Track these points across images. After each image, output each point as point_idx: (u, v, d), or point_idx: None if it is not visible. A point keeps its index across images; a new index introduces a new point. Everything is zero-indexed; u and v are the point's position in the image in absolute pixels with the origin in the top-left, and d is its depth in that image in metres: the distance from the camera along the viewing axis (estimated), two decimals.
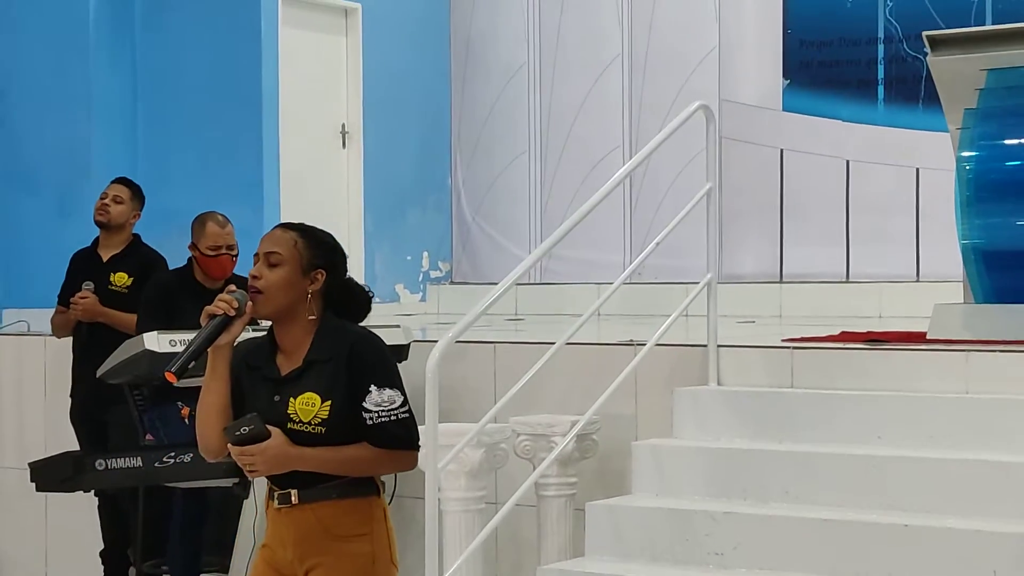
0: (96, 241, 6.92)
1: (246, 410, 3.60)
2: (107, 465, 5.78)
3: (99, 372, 5.89)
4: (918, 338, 5.72)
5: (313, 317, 3.61)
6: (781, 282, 9.08)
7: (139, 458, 5.74)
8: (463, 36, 10.17)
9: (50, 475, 5.93)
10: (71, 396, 6.85)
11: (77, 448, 6.62)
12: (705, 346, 5.72)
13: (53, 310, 6.96)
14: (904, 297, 8.36)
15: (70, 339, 6.85)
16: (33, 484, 6.10)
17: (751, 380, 5.66)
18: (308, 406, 3.55)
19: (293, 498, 3.59)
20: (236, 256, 6.32)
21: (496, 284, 4.91)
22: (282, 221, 3.77)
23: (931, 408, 5.17)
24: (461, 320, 4.68)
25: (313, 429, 3.54)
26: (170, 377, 3.53)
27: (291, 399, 3.56)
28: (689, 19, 9.41)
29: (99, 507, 6.86)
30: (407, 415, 3.58)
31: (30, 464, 6.06)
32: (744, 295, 8.78)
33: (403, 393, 3.60)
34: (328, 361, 3.58)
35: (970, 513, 4.77)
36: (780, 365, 5.61)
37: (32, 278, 8.70)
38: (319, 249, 3.67)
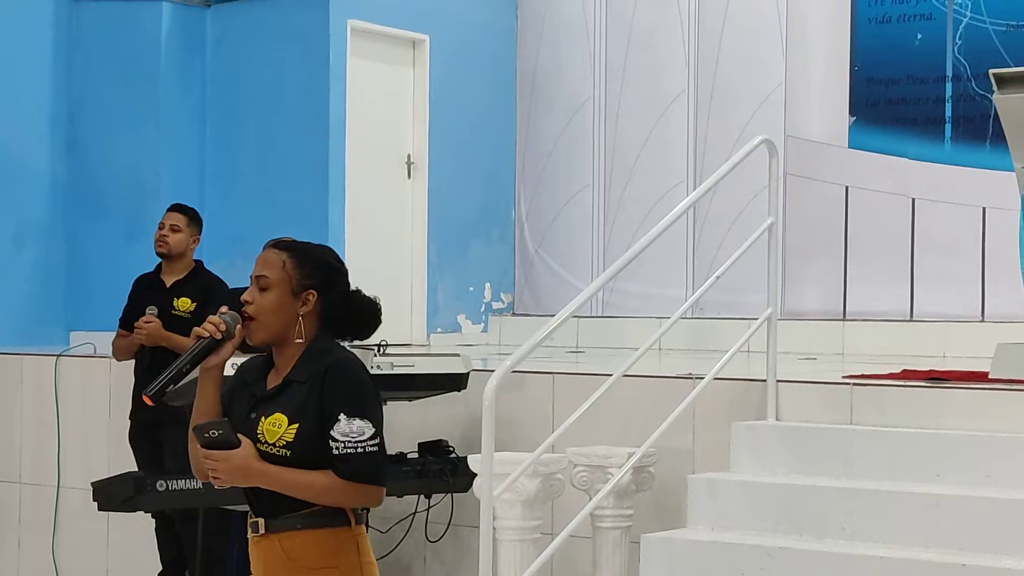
0: (159, 267, 7.00)
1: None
2: (168, 486, 5.82)
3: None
4: (980, 377, 5.67)
5: (301, 340, 3.49)
6: (844, 320, 9.03)
7: (199, 480, 5.77)
8: (529, 69, 10.23)
9: (111, 495, 5.98)
10: (130, 418, 6.93)
11: (138, 469, 6.70)
12: (764, 381, 5.71)
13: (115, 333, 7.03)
14: (969, 337, 8.27)
15: (131, 362, 6.93)
16: (95, 504, 6.16)
17: (810, 416, 5.63)
18: (275, 427, 3.43)
19: (261, 528, 3.49)
20: None
21: None
22: (275, 239, 3.64)
23: (991, 447, 5.13)
24: (518, 350, 4.69)
25: (278, 451, 3.42)
26: (147, 400, 3.47)
27: (262, 418, 3.46)
28: (755, 55, 9.41)
29: (156, 529, 6.92)
30: (375, 448, 3.41)
31: (92, 483, 6.11)
32: (807, 332, 8.74)
33: (376, 425, 3.43)
34: (304, 383, 3.45)
35: None
36: (839, 401, 5.59)
37: (98, 301, 8.82)
38: (310, 268, 3.51)
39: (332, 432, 3.40)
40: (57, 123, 9.09)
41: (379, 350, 6.19)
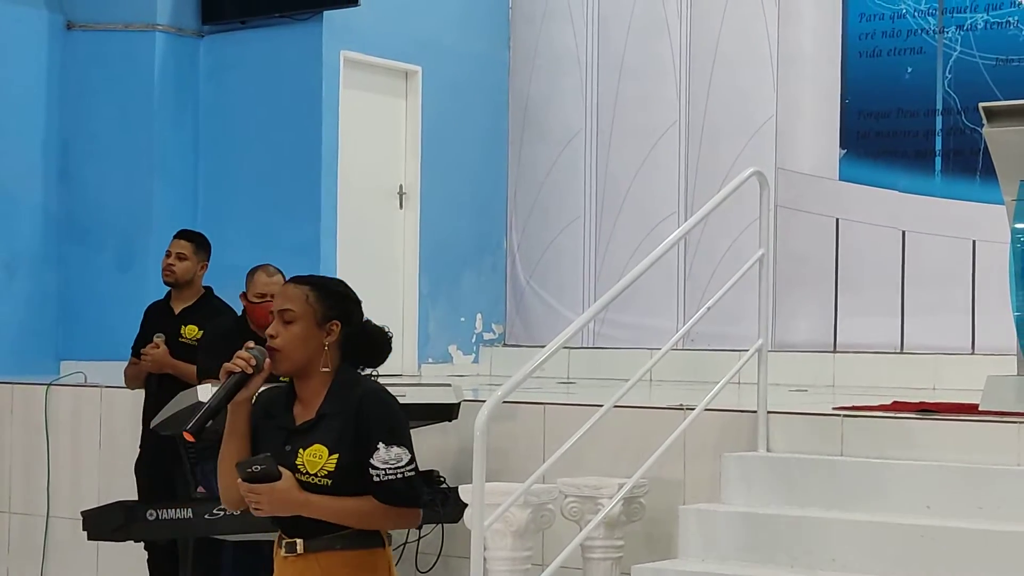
0: (169, 294, 6.98)
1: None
2: (158, 516, 5.81)
3: (152, 423, 5.95)
4: (970, 409, 5.69)
5: (327, 369, 3.65)
6: (835, 352, 9.05)
7: (189, 510, 5.78)
8: (521, 100, 10.26)
9: (102, 524, 5.97)
10: (140, 447, 6.91)
11: (131, 499, 6.67)
12: (755, 412, 5.72)
13: (112, 362, 7.01)
14: (959, 369, 8.29)
15: (125, 391, 6.93)
16: (85, 533, 6.15)
17: (800, 447, 5.64)
18: (315, 458, 3.58)
19: (299, 547, 3.62)
20: None
21: None
22: (293, 276, 3.82)
23: (981, 479, 5.13)
24: (510, 380, 4.70)
25: (319, 481, 3.58)
26: (188, 437, 3.58)
27: (300, 450, 3.60)
28: (747, 87, 9.45)
29: (148, 560, 6.89)
30: (412, 473, 3.61)
31: (82, 512, 6.10)
32: (797, 364, 8.75)
33: (411, 451, 3.62)
34: (339, 415, 3.61)
35: None
36: (830, 433, 5.59)
37: (89, 330, 8.82)
38: (332, 300, 3.69)
39: (372, 460, 3.58)
40: (49, 152, 9.10)
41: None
